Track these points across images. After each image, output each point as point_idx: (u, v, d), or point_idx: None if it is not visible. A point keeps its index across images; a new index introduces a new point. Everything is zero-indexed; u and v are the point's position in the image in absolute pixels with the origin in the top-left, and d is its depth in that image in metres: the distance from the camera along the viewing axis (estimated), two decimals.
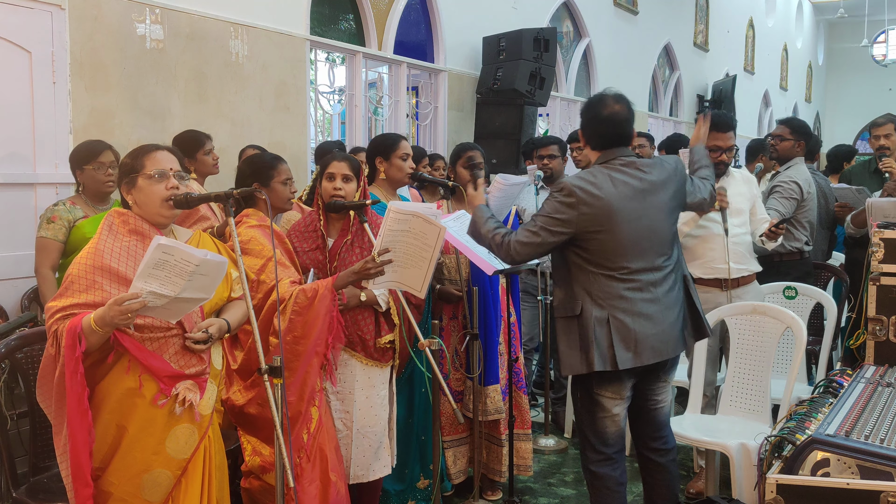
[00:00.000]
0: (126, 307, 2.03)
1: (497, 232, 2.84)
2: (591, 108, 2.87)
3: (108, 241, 2.25)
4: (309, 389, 2.69)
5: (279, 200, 2.95)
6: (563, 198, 2.72)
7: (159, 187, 2.30)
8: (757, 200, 3.90)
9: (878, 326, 3.18)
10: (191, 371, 2.28)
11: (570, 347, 2.77)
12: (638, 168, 2.81)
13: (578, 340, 2.74)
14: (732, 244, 3.70)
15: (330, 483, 2.76)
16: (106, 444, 2.21)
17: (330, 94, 6.28)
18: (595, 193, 2.71)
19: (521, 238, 2.76)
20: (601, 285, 2.73)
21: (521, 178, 3.67)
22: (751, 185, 3.90)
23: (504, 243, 2.79)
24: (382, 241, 2.65)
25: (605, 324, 2.71)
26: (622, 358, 2.70)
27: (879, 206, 4.15)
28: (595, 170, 2.80)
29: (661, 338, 2.78)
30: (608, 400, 2.81)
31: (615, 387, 2.80)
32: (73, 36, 4.07)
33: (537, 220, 2.76)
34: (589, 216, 2.70)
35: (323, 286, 2.67)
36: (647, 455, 3.02)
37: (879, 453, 2.16)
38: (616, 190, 2.73)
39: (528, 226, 2.78)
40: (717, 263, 3.71)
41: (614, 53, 9.94)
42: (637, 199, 2.78)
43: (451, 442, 3.67)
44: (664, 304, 2.81)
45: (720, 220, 3.70)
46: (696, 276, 3.72)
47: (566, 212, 2.70)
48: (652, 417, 2.99)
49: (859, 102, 19.71)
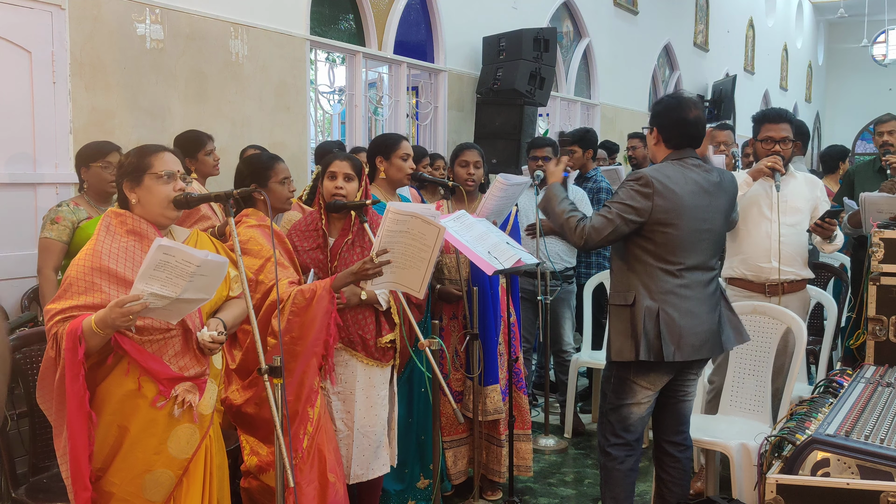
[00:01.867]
0: (127, 309, 2.03)
1: (573, 214, 2.88)
2: (675, 110, 2.92)
3: (106, 242, 2.24)
4: (306, 390, 2.69)
5: (278, 200, 2.95)
6: (639, 187, 2.79)
7: (167, 188, 2.30)
8: (820, 204, 3.69)
9: (878, 326, 3.18)
10: (190, 373, 2.28)
11: (620, 334, 2.86)
12: (705, 170, 2.91)
13: (630, 329, 2.83)
14: (781, 244, 3.53)
15: (328, 484, 2.76)
16: (107, 445, 2.21)
17: (330, 94, 6.29)
18: (670, 187, 2.80)
19: (595, 224, 2.81)
20: (657, 279, 2.82)
21: (522, 179, 3.67)
22: (815, 188, 3.74)
23: (579, 227, 2.83)
24: (381, 242, 2.65)
25: (655, 316, 2.80)
26: (667, 351, 2.79)
27: (873, 200, 4.14)
28: (667, 165, 2.88)
29: (703, 337, 2.87)
30: (642, 389, 2.90)
31: (652, 377, 2.89)
32: (73, 36, 4.07)
33: (612, 206, 2.82)
34: (662, 208, 2.78)
35: (321, 287, 2.67)
36: (666, 448, 3.06)
37: (879, 453, 2.16)
38: (688, 187, 2.83)
39: (602, 212, 2.83)
40: (760, 262, 3.60)
41: (614, 53, 9.94)
42: (704, 198, 2.88)
43: (451, 442, 3.67)
44: (709, 305, 2.91)
45: (770, 216, 3.56)
46: (738, 273, 3.65)
47: (641, 201, 2.78)
48: (678, 409, 3.05)
49: (859, 102, 19.71)
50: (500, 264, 3.13)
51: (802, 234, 3.66)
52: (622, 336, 2.85)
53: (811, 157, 18.91)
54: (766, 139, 3.62)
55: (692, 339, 2.83)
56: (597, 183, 5.11)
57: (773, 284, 3.59)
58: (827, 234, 3.57)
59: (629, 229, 2.81)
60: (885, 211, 4.02)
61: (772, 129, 3.62)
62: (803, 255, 3.65)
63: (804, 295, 3.72)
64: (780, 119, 3.64)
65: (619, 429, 2.95)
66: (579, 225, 2.83)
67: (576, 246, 2.93)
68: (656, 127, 2.95)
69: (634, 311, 2.83)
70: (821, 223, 3.54)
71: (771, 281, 3.59)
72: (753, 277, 3.63)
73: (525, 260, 3.34)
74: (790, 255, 3.58)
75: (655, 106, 3.02)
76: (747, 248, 3.63)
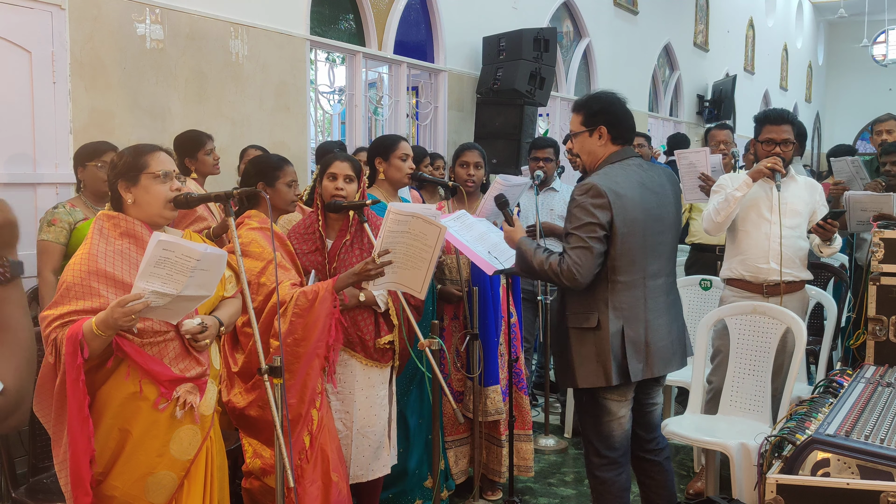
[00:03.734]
0: (129, 308, 2.01)
1: (551, 260, 2.69)
2: (617, 104, 2.83)
3: (101, 246, 2.23)
4: (310, 391, 2.69)
5: (282, 202, 2.95)
6: (593, 199, 2.64)
7: (164, 188, 2.29)
8: (819, 208, 3.68)
9: (878, 326, 3.17)
10: (191, 374, 2.28)
11: (585, 359, 2.74)
12: (646, 168, 2.81)
13: (595, 353, 2.72)
14: (781, 245, 3.52)
15: (331, 483, 2.76)
16: (109, 449, 2.20)
17: (330, 94, 6.29)
18: (621, 193, 2.68)
19: (574, 258, 2.63)
20: (619, 294, 2.70)
21: (521, 180, 3.67)
22: (814, 192, 3.73)
23: (564, 270, 2.64)
24: (382, 242, 2.65)
25: (620, 335, 2.70)
26: (634, 370, 2.72)
27: (857, 199, 4.15)
28: (612, 169, 2.76)
29: (671, 349, 2.83)
30: (614, 403, 2.80)
31: (622, 391, 2.80)
32: (73, 36, 4.07)
33: (578, 233, 2.64)
34: (619, 216, 2.66)
35: (323, 288, 2.67)
36: (644, 456, 3.01)
37: (879, 453, 2.16)
38: (636, 189, 2.73)
39: (573, 244, 2.65)
40: (759, 263, 3.59)
41: (614, 53, 9.94)
42: (653, 198, 2.77)
43: (451, 442, 3.67)
44: (672, 315, 2.86)
45: (770, 217, 3.56)
46: (736, 274, 3.65)
47: (601, 213, 2.64)
48: (647, 420, 3.00)
49: (859, 102, 19.71)
50: (500, 264, 3.13)
51: (802, 236, 3.65)
52: (588, 361, 2.72)
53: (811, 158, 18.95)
54: (767, 140, 3.60)
55: (661, 354, 2.77)
56: None
57: (772, 285, 3.58)
58: (828, 235, 3.56)
59: (604, 247, 2.66)
60: (868, 209, 4.03)
61: (773, 131, 3.60)
62: (802, 257, 3.65)
63: (803, 295, 3.72)
64: (782, 120, 3.61)
65: (604, 448, 2.84)
66: (562, 266, 2.64)
67: (570, 287, 2.70)
68: (604, 125, 2.78)
69: (600, 335, 2.70)
70: (823, 224, 3.53)
71: (769, 282, 3.58)
72: (752, 278, 3.62)
73: None
74: (789, 257, 3.57)
75: (593, 103, 2.83)
76: (746, 249, 3.62)
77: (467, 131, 7.08)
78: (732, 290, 3.70)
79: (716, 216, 3.56)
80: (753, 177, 3.57)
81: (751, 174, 3.58)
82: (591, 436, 2.87)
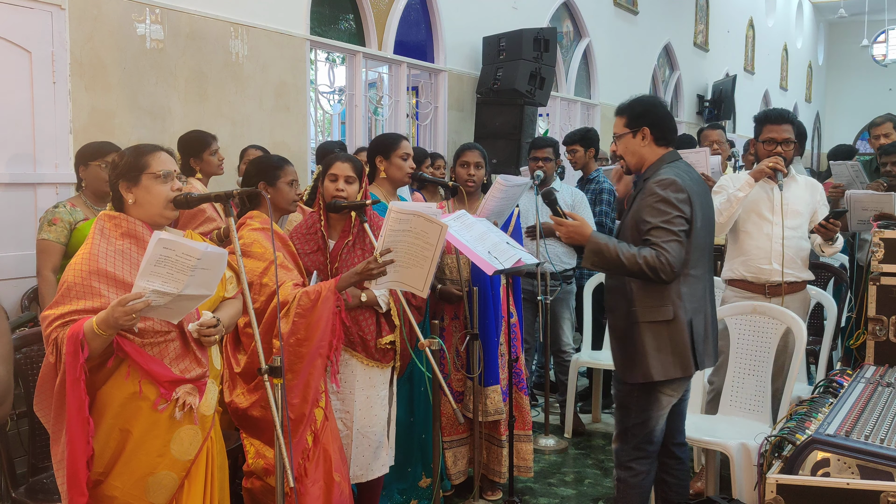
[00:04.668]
0: (130, 307, 2.01)
1: (645, 254, 2.65)
2: (660, 106, 2.91)
3: (102, 245, 2.23)
4: (313, 391, 2.70)
5: (284, 201, 2.95)
6: (676, 193, 2.69)
7: (165, 188, 2.29)
8: (820, 208, 3.71)
9: (878, 326, 3.18)
10: (191, 375, 2.28)
11: (660, 352, 2.75)
12: (692, 170, 2.89)
13: (670, 346, 2.74)
14: (783, 246, 3.55)
15: (334, 483, 2.76)
16: (109, 449, 2.20)
17: (330, 94, 6.28)
18: (693, 189, 2.76)
19: (672, 252, 2.63)
20: (689, 287, 2.77)
21: (522, 180, 3.67)
22: (815, 192, 3.74)
23: (663, 263, 2.62)
24: (384, 242, 2.65)
25: (690, 326, 2.76)
26: (703, 360, 2.79)
27: (858, 198, 4.16)
28: (671, 167, 2.80)
29: (716, 341, 2.91)
30: (667, 398, 2.85)
31: (677, 384, 2.85)
32: (73, 36, 4.07)
33: (670, 226, 2.66)
34: (697, 211, 2.74)
35: (326, 288, 2.67)
36: (673, 451, 3.03)
37: (879, 453, 2.16)
38: (697, 188, 2.81)
39: (666, 238, 2.65)
40: (761, 263, 3.61)
41: (614, 53, 9.94)
42: (707, 199, 2.88)
43: (451, 442, 3.67)
44: (714, 309, 2.94)
45: (771, 219, 3.59)
46: (738, 275, 3.67)
47: (686, 208, 2.69)
48: (681, 410, 3.04)
49: (859, 102, 19.72)
50: (500, 264, 3.13)
51: (803, 237, 3.66)
52: (663, 354, 2.73)
53: (811, 158, 18.95)
54: (768, 140, 3.61)
55: (713, 345, 2.86)
56: (599, 184, 5.08)
57: (773, 286, 3.60)
58: (830, 234, 3.57)
59: (687, 240, 2.71)
60: (869, 208, 4.04)
61: (774, 130, 3.61)
62: (804, 258, 3.66)
63: (804, 296, 3.73)
64: (783, 120, 3.63)
65: (644, 442, 2.86)
66: (660, 260, 2.62)
67: (668, 278, 2.66)
68: (647, 126, 2.84)
69: (676, 327, 2.73)
70: (825, 224, 3.54)
71: (771, 282, 3.60)
72: (754, 279, 3.63)
73: (525, 260, 3.34)
74: (790, 258, 3.58)
75: (636, 106, 2.88)
76: (749, 250, 3.63)
77: (467, 131, 7.08)
78: (734, 291, 3.71)
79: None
80: (755, 177, 3.57)
81: (752, 174, 3.58)
82: (636, 430, 2.87)
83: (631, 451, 2.89)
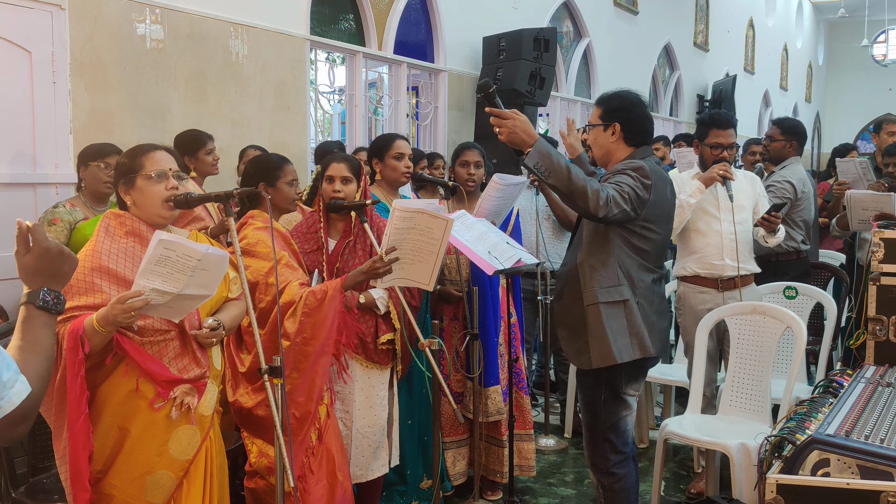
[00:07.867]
0: (129, 305, 2.01)
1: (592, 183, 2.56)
2: (638, 106, 2.86)
3: (106, 243, 2.24)
4: (318, 389, 2.71)
5: (284, 201, 2.95)
6: (641, 178, 2.66)
7: (159, 188, 2.29)
8: (760, 200, 3.85)
9: (878, 326, 3.18)
10: (190, 375, 2.28)
11: (618, 334, 2.71)
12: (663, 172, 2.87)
13: (626, 327, 2.73)
14: (733, 241, 3.64)
15: (337, 482, 2.77)
16: (108, 446, 2.21)
17: (330, 94, 6.29)
18: (658, 185, 2.74)
19: (616, 192, 2.57)
20: (639, 273, 2.75)
21: (519, 179, 3.66)
22: (754, 183, 3.87)
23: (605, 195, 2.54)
24: (389, 240, 2.67)
25: (640, 309, 2.75)
26: (652, 344, 2.77)
27: (858, 198, 4.17)
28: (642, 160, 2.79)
29: (664, 337, 2.89)
30: (631, 397, 2.85)
31: (638, 382, 2.86)
32: (73, 36, 4.07)
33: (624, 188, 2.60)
34: (652, 205, 2.71)
35: (332, 287, 2.68)
36: None
37: (879, 453, 2.16)
38: (666, 188, 2.81)
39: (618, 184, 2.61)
40: (714, 259, 3.67)
41: (614, 53, 9.94)
42: (673, 201, 2.89)
43: (450, 443, 3.67)
44: (665, 304, 2.93)
45: (719, 215, 3.65)
46: (690, 272, 3.72)
47: (643, 193, 2.66)
48: None
49: (859, 102, 19.73)
50: (500, 264, 3.13)
51: (749, 230, 3.76)
52: (621, 336, 2.71)
53: (811, 158, 18.95)
54: (715, 145, 3.69)
55: (661, 336, 2.85)
56: None
57: (725, 280, 3.67)
58: (772, 227, 3.68)
59: (634, 215, 2.65)
60: (870, 208, 4.05)
61: (721, 136, 3.69)
62: (751, 250, 3.77)
63: (755, 287, 3.82)
64: (728, 125, 3.72)
65: (620, 444, 2.83)
66: (604, 192, 2.55)
67: (593, 213, 2.55)
68: (618, 122, 2.80)
69: (630, 308, 2.73)
70: (768, 217, 3.65)
71: (724, 277, 3.67)
72: (707, 275, 3.69)
73: (525, 260, 3.33)
74: (742, 252, 3.68)
75: (613, 100, 2.85)
76: (701, 248, 3.69)
77: (467, 131, 7.08)
78: (687, 286, 3.78)
79: None
80: (706, 183, 3.64)
81: (703, 180, 3.65)
82: (609, 433, 2.83)
83: (609, 457, 2.84)
